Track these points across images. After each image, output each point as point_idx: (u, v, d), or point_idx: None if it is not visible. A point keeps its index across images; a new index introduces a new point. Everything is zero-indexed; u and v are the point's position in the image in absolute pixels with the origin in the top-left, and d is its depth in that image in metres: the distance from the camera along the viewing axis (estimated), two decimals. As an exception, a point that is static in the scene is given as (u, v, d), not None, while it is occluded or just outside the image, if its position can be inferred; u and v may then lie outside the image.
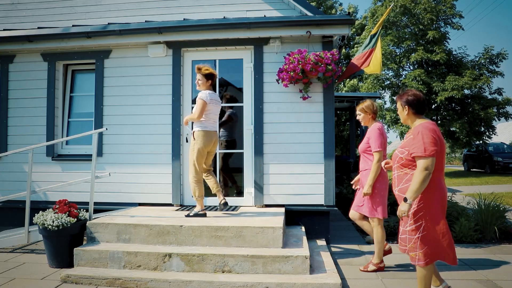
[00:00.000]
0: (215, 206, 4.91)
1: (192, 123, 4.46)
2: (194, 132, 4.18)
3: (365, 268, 3.77)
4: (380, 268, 3.76)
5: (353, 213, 3.96)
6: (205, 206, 5.04)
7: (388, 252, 3.91)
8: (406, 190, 2.64)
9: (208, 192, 5.28)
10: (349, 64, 5.49)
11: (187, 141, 4.95)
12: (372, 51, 5.17)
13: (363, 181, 3.81)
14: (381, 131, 3.75)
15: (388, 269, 3.80)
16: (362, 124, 3.98)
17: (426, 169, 2.52)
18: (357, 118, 3.99)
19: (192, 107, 5.13)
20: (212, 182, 4.33)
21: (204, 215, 4.23)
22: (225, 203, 4.27)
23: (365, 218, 3.92)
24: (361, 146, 3.90)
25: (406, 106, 2.80)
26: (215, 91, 4.69)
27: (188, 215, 4.24)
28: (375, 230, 3.76)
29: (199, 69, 4.20)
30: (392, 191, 2.94)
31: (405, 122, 2.91)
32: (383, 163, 3.21)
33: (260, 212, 4.55)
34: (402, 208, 2.60)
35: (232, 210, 4.69)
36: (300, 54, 4.60)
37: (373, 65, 5.15)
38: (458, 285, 3.38)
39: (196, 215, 4.20)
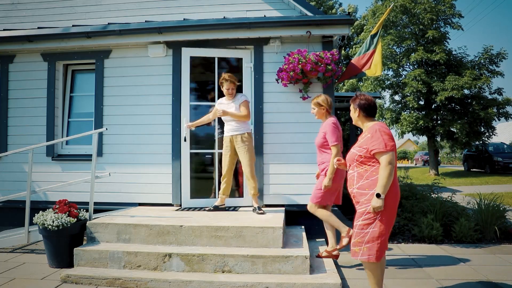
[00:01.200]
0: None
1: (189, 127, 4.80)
2: (245, 133, 4.41)
3: (319, 255, 3.88)
4: (333, 256, 3.82)
5: (309, 205, 3.99)
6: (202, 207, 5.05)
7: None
8: (367, 187, 2.73)
9: (208, 192, 5.29)
10: (349, 64, 5.48)
11: (185, 140, 4.93)
12: (373, 53, 5.16)
13: (322, 174, 3.90)
14: (335, 125, 3.80)
15: (388, 267, 3.80)
16: (316, 118, 4.00)
17: (390, 163, 2.63)
18: (312, 112, 4.01)
19: (194, 106, 5.13)
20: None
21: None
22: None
23: (325, 207, 3.95)
24: (317, 141, 3.91)
25: (358, 109, 2.92)
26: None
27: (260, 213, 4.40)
28: (317, 214, 3.87)
29: (230, 77, 4.43)
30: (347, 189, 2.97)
31: (356, 123, 3.01)
32: (335, 160, 3.32)
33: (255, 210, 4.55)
34: (376, 204, 2.64)
35: (232, 210, 4.69)
36: (300, 54, 4.61)
37: (374, 67, 5.15)
38: (458, 285, 3.38)
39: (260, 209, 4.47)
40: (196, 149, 5.17)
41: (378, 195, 2.63)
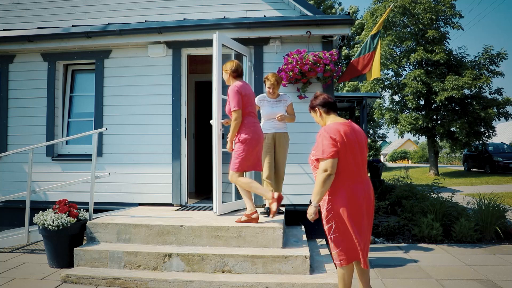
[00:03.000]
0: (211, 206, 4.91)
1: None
2: (286, 133, 4.40)
3: (238, 220, 3.86)
4: (252, 220, 3.79)
5: (229, 175, 3.99)
6: (202, 206, 5.05)
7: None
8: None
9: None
10: (349, 65, 5.48)
11: (223, 137, 4.29)
12: (373, 54, 5.17)
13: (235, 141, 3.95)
14: (237, 90, 3.76)
15: (388, 267, 3.80)
16: (226, 83, 3.99)
17: (325, 170, 2.52)
18: (223, 77, 4.02)
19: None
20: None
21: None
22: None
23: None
24: (226, 108, 3.95)
25: (317, 108, 2.82)
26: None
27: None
28: (238, 184, 3.88)
29: (273, 76, 4.27)
30: None
31: (321, 124, 2.86)
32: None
33: (260, 212, 4.54)
34: (309, 211, 2.64)
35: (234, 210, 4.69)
36: (299, 54, 4.61)
37: (373, 70, 5.17)
38: (458, 284, 3.38)
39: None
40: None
41: (310, 202, 2.61)
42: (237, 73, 3.90)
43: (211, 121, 4.29)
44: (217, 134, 4.17)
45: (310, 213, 2.64)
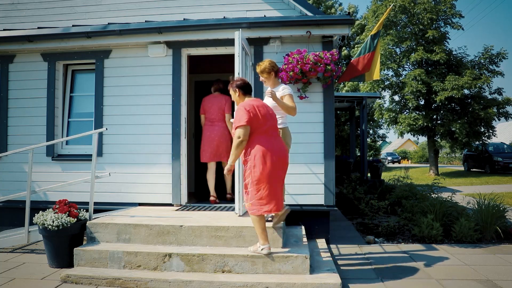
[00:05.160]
0: (211, 206, 4.91)
1: None
2: (284, 128, 3.95)
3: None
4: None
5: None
6: (202, 206, 5.05)
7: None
8: (245, 154, 3.40)
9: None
10: (349, 65, 5.48)
11: None
12: (373, 54, 5.17)
13: None
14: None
15: (388, 267, 3.80)
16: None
17: (238, 137, 3.24)
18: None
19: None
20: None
21: None
22: None
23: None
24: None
25: (237, 89, 3.50)
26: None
27: (267, 220, 3.79)
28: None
29: (258, 66, 4.02)
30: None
31: (238, 103, 3.53)
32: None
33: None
34: (225, 168, 3.41)
35: (232, 210, 4.69)
36: (299, 54, 4.61)
37: (373, 71, 5.17)
38: (458, 284, 3.38)
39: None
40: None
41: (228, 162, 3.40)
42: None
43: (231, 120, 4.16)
44: None
45: (226, 170, 3.40)
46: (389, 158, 39.71)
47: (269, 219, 3.84)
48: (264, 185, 3.27)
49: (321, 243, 4.63)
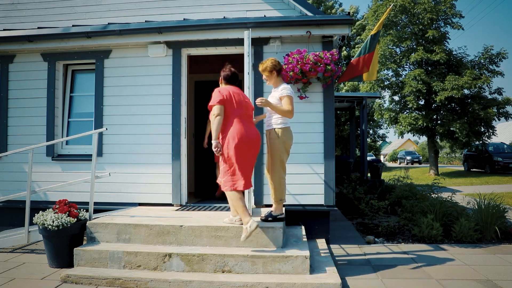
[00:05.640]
0: (211, 206, 4.91)
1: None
2: (274, 129, 3.84)
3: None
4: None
5: None
6: (202, 206, 5.05)
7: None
8: (221, 134, 3.66)
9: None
10: (349, 65, 5.49)
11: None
12: (372, 55, 5.17)
13: None
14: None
15: (388, 267, 3.81)
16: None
17: (214, 114, 3.58)
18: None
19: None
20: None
21: (283, 219, 3.94)
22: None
23: None
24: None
25: (221, 78, 3.90)
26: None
27: (266, 219, 3.88)
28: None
29: (260, 65, 4.02)
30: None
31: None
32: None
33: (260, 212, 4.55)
34: (212, 145, 3.61)
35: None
36: (299, 54, 4.61)
37: (371, 72, 5.19)
38: (458, 284, 3.38)
39: (276, 218, 3.88)
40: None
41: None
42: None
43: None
44: None
45: (213, 147, 3.59)
46: (408, 157, 35.04)
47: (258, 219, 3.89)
48: (235, 162, 3.57)
49: (321, 243, 4.63)
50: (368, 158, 11.36)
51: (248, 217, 3.48)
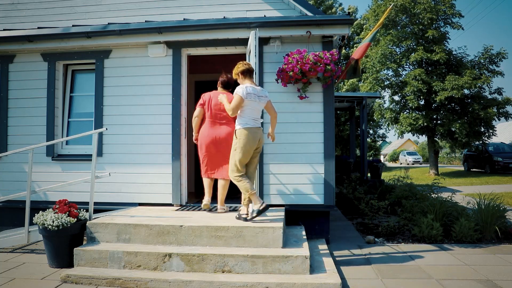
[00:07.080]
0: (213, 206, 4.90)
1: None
2: (236, 130, 3.99)
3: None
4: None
5: None
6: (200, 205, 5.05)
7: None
8: None
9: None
10: (347, 63, 5.54)
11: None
12: (368, 45, 5.34)
13: None
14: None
15: (388, 267, 3.81)
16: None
17: (194, 116, 4.51)
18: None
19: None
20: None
21: (265, 209, 3.91)
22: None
23: None
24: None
25: (219, 83, 4.64)
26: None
27: (251, 218, 3.91)
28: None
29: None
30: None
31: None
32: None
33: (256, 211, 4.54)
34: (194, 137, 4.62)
35: (233, 210, 4.69)
36: (299, 54, 4.60)
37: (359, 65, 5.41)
38: (458, 284, 3.38)
39: (259, 212, 3.87)
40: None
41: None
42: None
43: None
44: None
45: (193, 139, 4.61)
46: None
47: (248, 218, 3.95)
48: (204, 155, 4.46)
49: (321, 243, 4.63)
50: (403, 156, 11.37)
51: (208, 197, 4.54)
